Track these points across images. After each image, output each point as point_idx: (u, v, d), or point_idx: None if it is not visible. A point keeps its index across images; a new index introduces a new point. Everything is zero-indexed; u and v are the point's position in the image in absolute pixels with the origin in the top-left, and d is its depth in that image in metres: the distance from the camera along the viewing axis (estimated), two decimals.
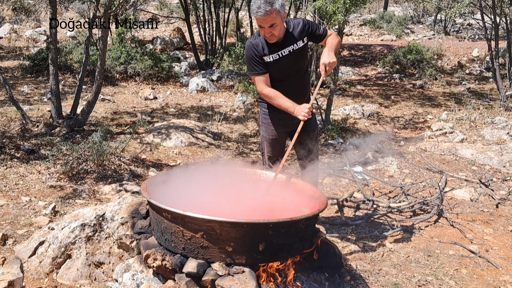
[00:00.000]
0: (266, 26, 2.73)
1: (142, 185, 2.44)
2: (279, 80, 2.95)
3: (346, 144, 5.79)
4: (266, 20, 2.69)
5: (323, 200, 2.51)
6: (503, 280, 2.99)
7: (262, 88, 2.90)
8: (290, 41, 2.88)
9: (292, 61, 2.92)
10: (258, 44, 2.87)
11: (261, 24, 2.74)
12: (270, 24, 2.71)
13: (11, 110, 6.16)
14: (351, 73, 10.67)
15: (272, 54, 2.87)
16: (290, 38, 2.88)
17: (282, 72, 2.94)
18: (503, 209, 4.16)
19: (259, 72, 2.89)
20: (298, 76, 3.01)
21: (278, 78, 2.96)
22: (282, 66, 2.91)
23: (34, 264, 2.75)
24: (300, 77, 3.02)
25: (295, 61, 2.94)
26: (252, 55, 2.88)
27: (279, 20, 2.73)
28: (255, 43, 2.88)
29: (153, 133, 5.70)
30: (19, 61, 9.72)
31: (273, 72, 2.93)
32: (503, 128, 6.27)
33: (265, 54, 2.87)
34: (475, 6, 8.05)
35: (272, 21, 2.70)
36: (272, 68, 2.91)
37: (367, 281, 2.84)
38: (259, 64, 2.88)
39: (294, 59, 2.92)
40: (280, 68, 2.91)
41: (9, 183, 4.01)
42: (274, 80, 2.95)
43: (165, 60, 9.47)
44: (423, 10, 16.01)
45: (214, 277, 2.12)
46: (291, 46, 2.88)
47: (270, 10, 2.66)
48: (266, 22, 2.71)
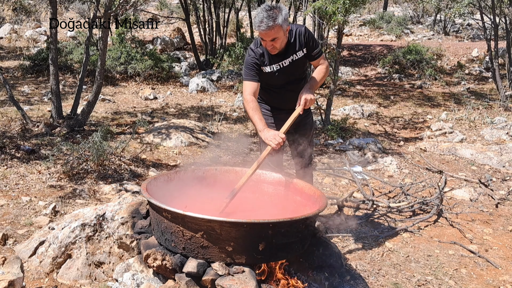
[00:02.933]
0: (268, 40, 2.74)
1: (142, 185, 2.45)
2: (279, 87, 2.98)
3: (346, 144, 5.79)
4: (268, 34, 2.70)
5: (323, 200, 2.51)
6: (503, 280, 2.99)
7: (247, 93, 2.90)
8: (291, 51, 2.89)
9: (292, 70, 2.94)
10: (260, 53, 2.88)
11: (263, 38, 2.74)
12: (272, 38, 2.72)
13: (11, 110, 6.17)
14: (350, 73, 10.68)
15: (273, 65, 2.89)
16: (292, 48, 2.89)
17: (282, 80, 2.95)
18: (502, 209, 4.16)
19: (251, 79, 2.90)
20: (297, 83, 3.03)
21: (277, 86, 2.98)
22: (282, 75, 2.93)
23: (35, 264, 2.75)
24: (298, 83, 3.04)
25: (296, 69, 2.96)
26: (251, 61, 2.89)
27: (281, 34, 2.73)
28: (258, 52, 2.89)
29: (153, 133, 5.70)
30: (19, 61, 9.73)
31: (273, 80, 2.95)
32: (503, 128, 6.28)
33: (266, 65, 2.89)
34: (475, 7, 8.06)
35: (274, 36, 2.71)
36: (273, 77, 2.93)
37: (367, 280, 2.84)
38: (254, 72, 2.90)
39: (294, 68, 2.94)
40: (280, 77, 2.93)
41: (10, 183, 4.02)
42: (274, 86, 2.99)
43: (165, 60, 9.47)
44: (423, 11, 16.02)
45: (214, 277, 2.13)
46: (292, 56, 2.90)
47: (273, 25, 2.65)
48: (268, 36, 2.71)
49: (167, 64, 9.37)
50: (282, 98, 3.01)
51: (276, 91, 2.99)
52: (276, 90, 2.99)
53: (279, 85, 2.98)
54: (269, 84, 2.98)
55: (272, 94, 3.03)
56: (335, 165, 5.15)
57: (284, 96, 2.99)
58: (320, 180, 4.66)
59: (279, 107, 3.04)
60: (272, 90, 3.01)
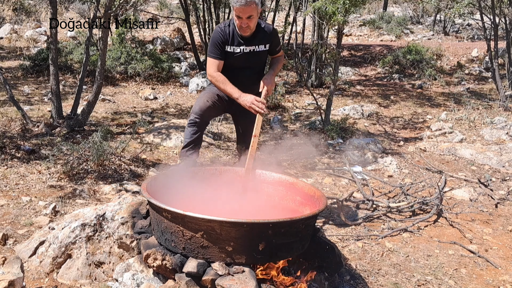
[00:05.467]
0: (244, 17, 2.89)
1: (142, 185, 2.45)
2: (238, 68, 3.16)
3: (346, 144, 5.80)
4: (246, 10, 2.85)
5: (323, 200, 2.52)
6: (503, 279, 2.99)
7: (212, 70, 3.07)
8: (256, 41, 3.09)
9: (252, 58, 3.13)
10: (227, 32, 3.04)
11: (240, 14, 2.91)
12: (249, 15, 2.88)
13: (11, 110, 6.17)
14: (350, 73, 10.68)
15: (235, 46, 3.06)
16: (257, 39, 3.09)
17: (242, 63, 3.14)
18: (502, 209, 4.17)
19: (216, 56, 3.06)
20: (256, 70, 3.23)
21: (237, 67, 3.16)
22: (242, 59, 3.11)
23: (35, 264, 2.76)
24: (257, 70, 3.24)
25: (255, 58, 3.15)
26: (218, 39, 3.05)
27: (256, 13, 2.90)
28: (225, 30, 3.05)
29: (153, 133, 5.71)
30: (19, 61, 9.72)
31: (234, 61, 3.13)
32: (503, 128, 6.28)
33: (229, 44, 3.05)
34: (474, 7, 8.06)
35: (251, 12, 2.86)
36: (232, 57, 3.10)
37: (367, 280, 2.85)
38: (219, 50, 3.05)
39: (254, 57, 3.13)
40: (240, 60, 3.11)
41: (10, 183, 4.02)
42: (234, 67, 3.15)
43: (165, 61, 9.47)
44: (423, 11, 16.02)
45: (214, 277, 2.13)
46: (255, 46, 3.09)
47: (251, 1, 2.82)
48: (246, 13, 2.86)
49: (167, 64, 9.36)
50: (241, 80, 3.17)
51: (236, 72, 3.15)
52: (236, 71, 3.15)
53: (239, 67, 3.15)
54: (230, 64, 3.14)
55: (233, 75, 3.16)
56: (335, 165, 5.15)
57: (243, 78, 3.17)
58: (320, 180, 4.67)
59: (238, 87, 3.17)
60: (233, 71, 3.16)
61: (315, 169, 4.99)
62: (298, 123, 7.01)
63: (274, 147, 5.79)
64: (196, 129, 3.23)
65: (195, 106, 3.24)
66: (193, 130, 3.23)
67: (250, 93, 3.03)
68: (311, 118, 7.20)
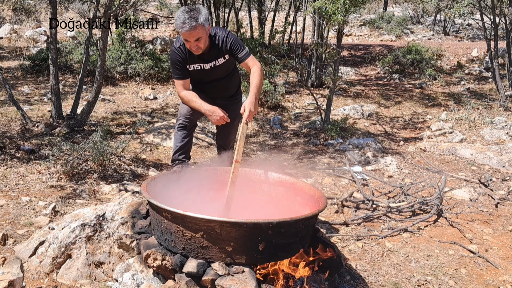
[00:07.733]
0: (192, 40, 2.83)
1: (142, 185, 2.45)
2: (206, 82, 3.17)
3: (346, 144, 5.80)
4: (192, 34, 2.79)
5: (323, 200, 2.52)
6: (503, 280, 2.99)
7: (180, 90, 3.08)
8: (213, 56, 3.02)
9: (217, 70, 3.09)
10: (182, 50, 3.00)
11: (187, 39, 2.84)
12: (196, 38, 2.82)
13: (11, 110, 6.17)
14: (350, 73, 10.68)
15: (195, 64, 3.03)
16: (213, 53, 3.02)
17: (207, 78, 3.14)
18: (502, 209, 4.17)
19: (179, 77, 3.06)
20: (225, 78, 3.21)
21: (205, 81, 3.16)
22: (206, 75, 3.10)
23: (34, 264, 2.76)
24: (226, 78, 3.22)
25: (220, 70, 3.11)
26: (176, 60, 3.03)
27: (204, 33, 2.84)
28: (180, 49, 3.00)
29: (153, 133, 5.71)
30: (19, 61, 9.72)
31: (199, 76, 3.12)
32: (503, 128, 6.28)
33: (188, 64, 3.03)
34: (475, 7, 8.06)
35: (197, 35, 2.80)
36: (196, 73, 3.09)
37: (367, 280, 2.85)
38: (181, 69, 3.04)
39: (219, 69, 3.09)
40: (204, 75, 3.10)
41: (10, 183, 4.02)
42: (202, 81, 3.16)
43: (165, 60, 9.46)
44: (423, 11, 16.02)
45: (214, 277, 2.13)
46: (213, 62, 3.04)
47: (196, 25, 2.75)
48: (192, 37, 2.81)
49: (167, 64, 9.36)
50: (213, 91, 3.20)
51: (205, 85, 3.18)
52: (205, 84, 3.18)
53: (207, 80, 3.16)
54: (199, 78, 3.15)
55: (203, 88, 3.20)
56: (335, 165, 5.15)
57: (214, 89, 3.20)
58: (320, 180, 4.67)
59: (212, 96, 3.22)
60: (202, 84, 3.19)
61: (315, 169, 4.98)
62: (298, 123, 7.01)
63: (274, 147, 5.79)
64: (186, 133, 3.23)
65: (182, 109, 3.22)
66: (183, 134, 3.23)
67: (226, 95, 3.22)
68: (311, 118, 7.20)
